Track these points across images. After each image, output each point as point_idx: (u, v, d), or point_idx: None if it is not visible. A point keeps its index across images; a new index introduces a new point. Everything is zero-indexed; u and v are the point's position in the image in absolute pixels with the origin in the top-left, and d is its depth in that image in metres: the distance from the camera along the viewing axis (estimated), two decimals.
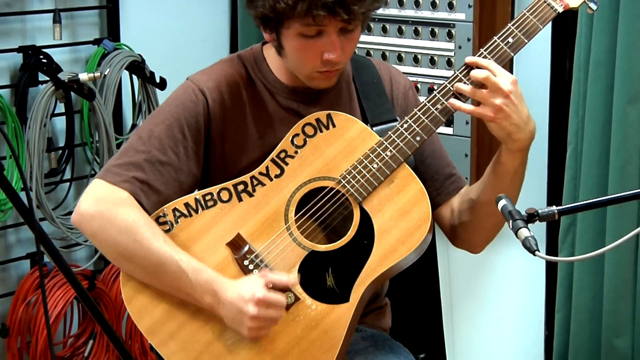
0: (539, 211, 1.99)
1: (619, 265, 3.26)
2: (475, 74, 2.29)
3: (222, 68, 2.48)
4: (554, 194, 3.50)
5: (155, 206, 2.37)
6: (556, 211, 2.00)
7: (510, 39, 2.34)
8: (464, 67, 2.34)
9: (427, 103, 2.35)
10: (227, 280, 2.30)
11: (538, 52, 3.44)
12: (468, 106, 2.31)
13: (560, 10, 2.36)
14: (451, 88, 2.33)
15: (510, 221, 1.99)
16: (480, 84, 2.29)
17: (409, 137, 2.35)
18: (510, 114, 2.28)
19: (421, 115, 2.35)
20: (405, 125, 2.35)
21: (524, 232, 1.96)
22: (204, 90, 2.42)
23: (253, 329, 2.26)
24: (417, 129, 2.35)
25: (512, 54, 2.34)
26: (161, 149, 2.38)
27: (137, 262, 2.33)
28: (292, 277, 2.29)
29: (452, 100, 2.32)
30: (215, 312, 2.31)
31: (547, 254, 3.37)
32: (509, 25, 2.34)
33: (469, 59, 2.33)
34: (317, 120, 2.40)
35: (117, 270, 3.55)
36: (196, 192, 2.40)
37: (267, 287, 2.25)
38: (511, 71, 3.43)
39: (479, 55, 2.33)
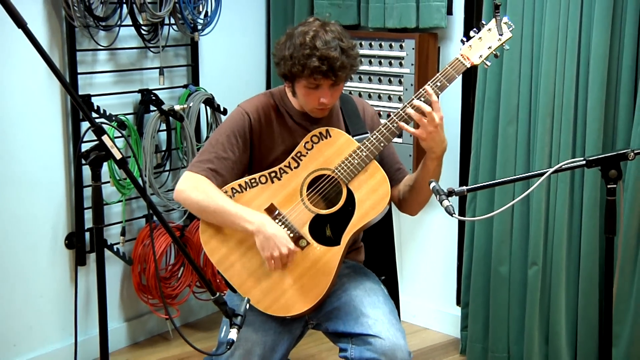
0: (455, 190, 2.00)
1: (501, 222, 3.25)
2: (422, 107, 2.27)
3: (259, 99, 2.46)
4: (463, 179, 3.49)
5: (221, 184, 2.36)
6: (465, 190, 2.00)
7: (438, 83, 2.32)
8: (409, 101, 2.31)
9: (387, 122, 2.33)
10: (268, 222, 2.27)
11: (453, 92, 3.42)
12: (410, 128, 2.30)
13: (468, 65, 2.34)
14: (403, 114, 2.31)
15: (437, 195, 1.98)
16: (420, 111, 2.27)
17: (376, 143, 2.33)
18: (435, 138, 2.27)
19: (383, 130, 2.34)
20: (374, 136, 2.34)
21: (445, 202, 1.96)
22: (249, 113, 2.41)
23: (268, 255, 2.26)
24: (381, 138, 2.34)
25: (440, 92, 2.31)
26: (224, 150, 2.37)
27: (209, 211, 2.30)
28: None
29: (401, 123, 2.30)
30: (253, 236, 2.28)
31: (459, 215, 3.35)
32: (437, 74, 2.32)
33: (432, 98, 2.28)
34: (320, 133, 2.39)
35: (197, 225, 3.52)
36: (245, 177, 2.39)
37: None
38: None
39: (418, 95, 2.30)
